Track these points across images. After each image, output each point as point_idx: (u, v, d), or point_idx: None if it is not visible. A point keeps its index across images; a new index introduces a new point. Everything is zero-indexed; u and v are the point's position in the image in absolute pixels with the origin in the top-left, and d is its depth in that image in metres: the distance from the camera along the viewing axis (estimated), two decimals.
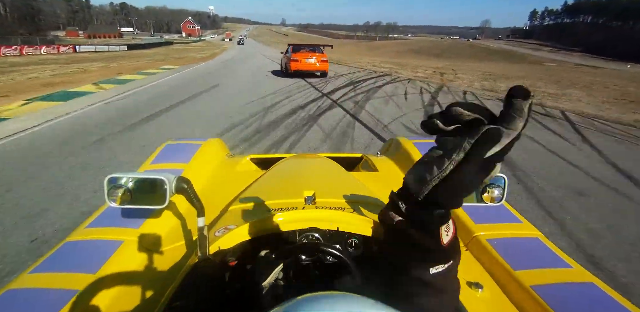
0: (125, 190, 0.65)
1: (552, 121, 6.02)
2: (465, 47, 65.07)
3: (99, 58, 18.96)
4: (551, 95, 9.31)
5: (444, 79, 12.25)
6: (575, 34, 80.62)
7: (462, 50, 58.42)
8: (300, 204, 0.85)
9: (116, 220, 0.93)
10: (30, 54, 21.59)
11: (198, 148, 1.43)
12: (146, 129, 4.80)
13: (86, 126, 4.86)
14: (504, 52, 56.35)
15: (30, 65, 14.11)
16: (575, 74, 19.77)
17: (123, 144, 4.11)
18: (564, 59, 46.30)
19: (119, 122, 5.05)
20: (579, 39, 73.24)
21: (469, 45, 69.65)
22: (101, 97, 7.04)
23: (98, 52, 25.98)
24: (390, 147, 1.64)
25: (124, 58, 19.27)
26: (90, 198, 2.65)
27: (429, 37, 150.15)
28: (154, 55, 22.15)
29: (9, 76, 10.13)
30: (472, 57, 46.08)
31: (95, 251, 0.81)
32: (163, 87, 8.82)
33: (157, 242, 0.87)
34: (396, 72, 13.94)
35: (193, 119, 5.54)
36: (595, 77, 17.56)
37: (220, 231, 0.76)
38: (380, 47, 66.79)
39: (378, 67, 16.36)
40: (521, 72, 18.47)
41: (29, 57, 19.48)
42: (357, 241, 0.77)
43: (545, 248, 0.84)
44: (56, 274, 0.72)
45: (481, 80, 12.53)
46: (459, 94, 8.85)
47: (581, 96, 9.43)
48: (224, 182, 1.28)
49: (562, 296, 0.66)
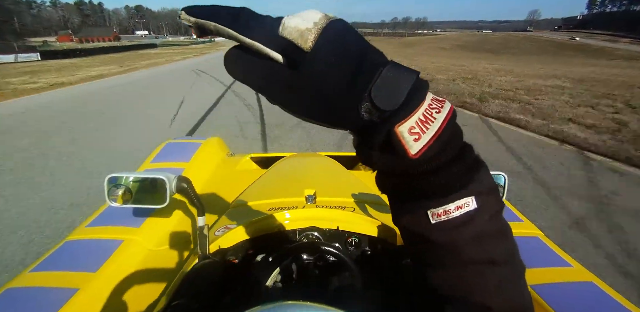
0: (126, 189, 0.64)
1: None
2: (521, 40, 54.68)
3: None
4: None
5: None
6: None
7: (520, 44, 49.41)
8: (301, 203, 0.86)
9: (117, 219, 0.92)
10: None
11: (198, 147, 1.42)
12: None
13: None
14: (575, 46, 46.08)
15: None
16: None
17: None
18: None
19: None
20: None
21: (524, 38, 58.51)
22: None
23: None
24: None
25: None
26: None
27: (461, 31, 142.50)
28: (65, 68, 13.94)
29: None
30: (540, 53, 39.11)
31: (95, 250, 0.81)
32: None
33: (157, 242, 0.87)
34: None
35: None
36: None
37: (221, 230, 0.77)
38: (414, 43, 56.78)
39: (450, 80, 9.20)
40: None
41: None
42: (358, 240, 0.77)
43: (545, 247, 0.84)
44: (56, 272, 0.72)
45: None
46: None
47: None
48: (225, 182, 1.28)
49: (562, 295, 0.67)
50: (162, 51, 32.79)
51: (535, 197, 2.94)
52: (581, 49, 42.39)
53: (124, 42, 63.68)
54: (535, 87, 8.86)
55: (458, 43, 52.96)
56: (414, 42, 61.73)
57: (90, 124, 5.16)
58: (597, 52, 38.21)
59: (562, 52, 40.44)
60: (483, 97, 7.40)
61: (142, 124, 5.25)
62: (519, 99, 7.23)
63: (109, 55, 26.67)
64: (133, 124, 5.27)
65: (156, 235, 0.89)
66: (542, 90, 8.41)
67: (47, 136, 4.53)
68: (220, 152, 1.56)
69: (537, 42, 51.94)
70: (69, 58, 22.41)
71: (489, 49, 44.04)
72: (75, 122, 5.34)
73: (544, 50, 42.99)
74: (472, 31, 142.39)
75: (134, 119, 5.55)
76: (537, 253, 0.82)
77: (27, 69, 14.75)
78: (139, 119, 5.60)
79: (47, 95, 8.03)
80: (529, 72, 13.17)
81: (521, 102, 6.97)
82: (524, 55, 34.09)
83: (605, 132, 4.89)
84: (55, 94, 8.23)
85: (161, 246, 0.86)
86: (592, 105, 6.65)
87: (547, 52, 40.86)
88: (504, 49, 44.98)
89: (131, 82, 10.55)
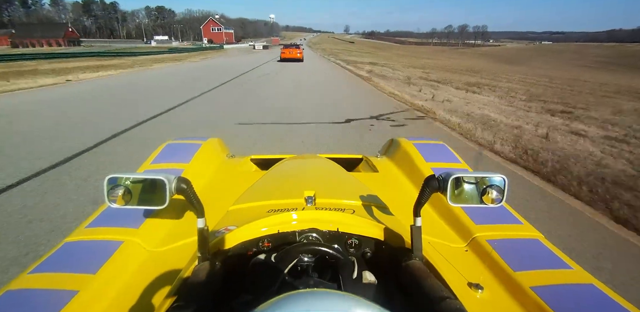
0: (125, 190, 0.65)
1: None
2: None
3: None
4: None
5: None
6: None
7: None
8: (301, 205, 0.86)
9: (116, 220, 0.93)
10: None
11: (198, 148, 1.42)
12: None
13: None
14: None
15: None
16: None
17: None
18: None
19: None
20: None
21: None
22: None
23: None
24: (390, 148, 1.64)
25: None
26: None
27: (517, 42, 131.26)
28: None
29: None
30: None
31: (95, 251, 0.81)
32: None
33: (157, 243, 0.87)
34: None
35: None
36: None
37: (221, 232, 0.77)
38: (514, 57, 41.84)
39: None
40: None
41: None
42: (358, 241, 0.77)
43: (545, 249, 0.84)
44: (55, 274, 0.72)
45: None
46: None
47: None
48: (225, 183, 1.29)
49: (562, 297, 0.66)
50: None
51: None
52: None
53: (87, 46, 47.30)
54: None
55: (600, 59, 37.30)
56: (505, 54, 42.77)
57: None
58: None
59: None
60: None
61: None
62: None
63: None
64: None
65: (156, 236, 0.89)
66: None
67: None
68: (220, 153, 1.56)
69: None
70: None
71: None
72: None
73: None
74: (530, 42, 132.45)
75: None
76: (537, 255, 0.82)
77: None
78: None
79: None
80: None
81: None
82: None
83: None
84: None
85: (161, 247, 0.86)
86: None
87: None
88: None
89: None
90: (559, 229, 2.45)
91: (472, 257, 0.84)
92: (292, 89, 9.97)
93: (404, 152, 1.44)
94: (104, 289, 0.69)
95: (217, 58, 28.59)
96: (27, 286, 0.69)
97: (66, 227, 2.29)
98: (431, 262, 0.71)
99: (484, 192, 0.66)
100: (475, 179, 0.66)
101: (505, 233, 0.90)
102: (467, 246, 0.89)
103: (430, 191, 0.67)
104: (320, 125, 5.45)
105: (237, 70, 15.41)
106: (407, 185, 1.27)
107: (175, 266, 0.76)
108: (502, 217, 0.99)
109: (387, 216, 0.90)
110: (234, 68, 17.17)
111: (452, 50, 69.78)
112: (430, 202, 0.76)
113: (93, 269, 0.73)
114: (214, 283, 0.62)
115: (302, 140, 4.57)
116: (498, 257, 0.79)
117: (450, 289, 0.62)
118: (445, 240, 0.91)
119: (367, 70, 16.02)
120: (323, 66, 20.54)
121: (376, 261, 0.78)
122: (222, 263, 0.69)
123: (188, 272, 0.66)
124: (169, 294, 0.63)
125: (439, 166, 1.28)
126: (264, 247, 0.76)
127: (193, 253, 0.73)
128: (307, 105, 7.19)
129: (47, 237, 2.18)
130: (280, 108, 6.83)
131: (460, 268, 0.77)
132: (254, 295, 0.62)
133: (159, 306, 0.60)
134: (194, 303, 0.55)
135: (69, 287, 0.67)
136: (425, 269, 0.65)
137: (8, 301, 0.64)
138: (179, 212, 0.97)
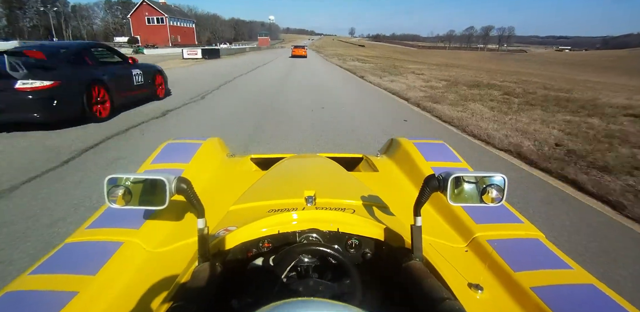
0: (126, 190, 0.64)
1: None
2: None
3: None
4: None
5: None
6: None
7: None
8: (301, 205, 0.85)
9: (116, 221, 0.93)
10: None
11: (198, 148, 1.43)
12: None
13: None
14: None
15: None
16: None
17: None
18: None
19: None
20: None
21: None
22: None
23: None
24: (390, 147, 1.64)
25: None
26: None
27: (543, 47, 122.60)
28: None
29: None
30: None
31: (95, 252, 0.81)
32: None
33: (157, 243, 0.87)
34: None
35: None
36: None
37: (221, 232, 0.77)
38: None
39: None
40: None
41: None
42: (358, 242, 0.77)
43: (545, 249, 0.84)
44: (55, 275, 0.72)
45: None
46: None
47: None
48: (225, 183, 1.29)
49: (562, 297, 0.67)
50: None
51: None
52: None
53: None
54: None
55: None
56: (584, 61, 32.83)
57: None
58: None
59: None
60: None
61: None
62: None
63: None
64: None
65: (156, 237, 0.89)
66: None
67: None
68: (220, 153, 1.56)
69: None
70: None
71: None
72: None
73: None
74: (553, 47, 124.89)
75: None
76: (537, 255, 0.82)
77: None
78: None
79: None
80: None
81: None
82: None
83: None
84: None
85: (161, 248, 0.86)
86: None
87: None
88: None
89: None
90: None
91: (472, 258, 0.84)
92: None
93: (404, 151, 1.44)
94: (103, 290, 0.69)
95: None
96: (27, 287, 0.68)
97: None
98: (431, 262, 0.71)
99: (484, 192, 0.66)
100: (475, 178, 0.66)
101: (505, 232, 0.90)
102: (468, 246, 0.89)
103: (430, 191, 0.66)
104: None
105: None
106: (407, 184, 1.27)
107: (175, 266, 0.76)
108: (502, 216, 0.99)
109: (388, 216, 0.90)
110: None
111: (499, 56, 58.98)
112: (430, 201, 0.76)
113: (93, 270, 0.73)
114: (213, 284, 0.62)
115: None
116: (498, 257, 0.79)
117: (450, 289, 0.62)
118: (446, 240, 0.90)
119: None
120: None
121: (376, 261, 0.77)
122: (222, 264, 0.69)
123: (188, 273, 0.65)
124: (169, 295, 0.63)
125: (439, 165, 1.28)
126: (264, 247, 0.75)
127: (193, 254, 0.72)
128: None
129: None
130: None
131: (461, 268, 0.76)
132: (254, 296, 0.62)
133: (159, 307, 0.60)
134: (193, 304, 0.55)
135: (69, 288, 0.67)
136: (425, 269, 0.65)
137: (8, 302, 0.64)
138: (179, 213, 0.96)
